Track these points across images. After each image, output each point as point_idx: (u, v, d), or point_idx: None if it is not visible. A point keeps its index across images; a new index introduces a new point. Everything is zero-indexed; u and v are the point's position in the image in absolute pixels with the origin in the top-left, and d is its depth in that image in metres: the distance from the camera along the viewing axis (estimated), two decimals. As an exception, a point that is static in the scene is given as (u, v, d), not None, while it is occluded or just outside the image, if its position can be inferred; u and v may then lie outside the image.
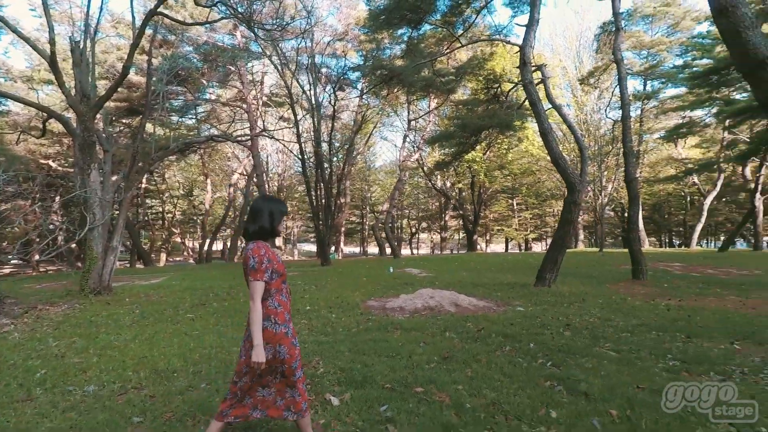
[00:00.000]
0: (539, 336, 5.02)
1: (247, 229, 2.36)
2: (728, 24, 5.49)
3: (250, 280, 2.22)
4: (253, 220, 2.35)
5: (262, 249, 2.27)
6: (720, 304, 7.38)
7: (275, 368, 2.31)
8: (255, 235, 2.34)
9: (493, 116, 10.03)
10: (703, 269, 12.88)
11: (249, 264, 2.23)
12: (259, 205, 2.39)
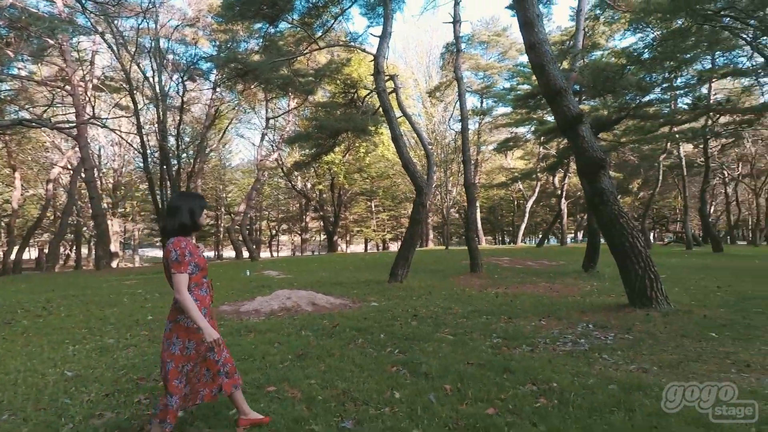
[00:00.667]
0: (389, 327, 5.38)
1: (165, 226, 2.42)
2: (536, 58, 6.64)
3: (173, 272, 2.28)
4: (172, 217, 2.40)
5: (183, 242, 2.35)
6: (534, 290, 8.84)
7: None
8: (175, 232, 2.39)
9: (349, 120, 10.39)
10: (524, 262, 15.23)
11: (171, 257, 2.30)
12: (177, 202, 2.47)
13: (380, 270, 12.98)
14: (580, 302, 7.23)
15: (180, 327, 2.37)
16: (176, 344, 2.36)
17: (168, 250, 2.33)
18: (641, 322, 5.39)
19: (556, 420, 2.73)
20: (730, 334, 4.79)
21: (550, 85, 6.49)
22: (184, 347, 2.37)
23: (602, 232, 6.68)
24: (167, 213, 2.46)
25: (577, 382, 3.38)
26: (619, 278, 8.60)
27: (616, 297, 7.53)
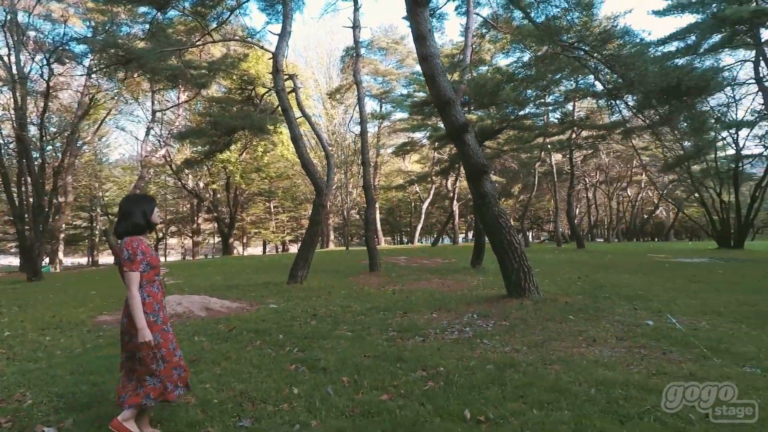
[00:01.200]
0: (288, 328, 5.38)
1: (119, 229, 2.55)
2: (428, 69, 7.14)
3: (125, 270, 2.43)
4: (125, 220, 2.55)
5: (135, 242, 2.50)
6: (428, 286, 9.42)
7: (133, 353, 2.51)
8: (128, 233, 2.53)
9: (246, 118, 10.00)
10: (420, 261, 16.07)
11: (123, 256, 2.45)
12: (129, 206, 2.60)
13: (279, 272, 12.75)
14: (467, 295, 7.89)
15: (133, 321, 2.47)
16: (137, 336, 2.45)
17: (120, 250, 2.50)
18: (516, 310, 6.10)
19: (441, 399, 3.04)
20: (584, 316, 5.66)
21: (440, 95, 7.02)
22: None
23: (485, 231, 7.40)
24: (119, 216, 2.61)
25: (461, 365, 3.76)
26: (500, 273, 9.53)
27: (497, 290, 8.36)
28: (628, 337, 4.62)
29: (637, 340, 4.51)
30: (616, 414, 2.72)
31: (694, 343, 4.35)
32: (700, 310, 6.23)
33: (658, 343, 4.39)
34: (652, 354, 4.03)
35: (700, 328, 5.11)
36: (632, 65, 9.19)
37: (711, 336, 4.67)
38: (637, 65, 9.18)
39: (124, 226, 2.55)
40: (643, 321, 5.37)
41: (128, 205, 2.61)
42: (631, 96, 11.62)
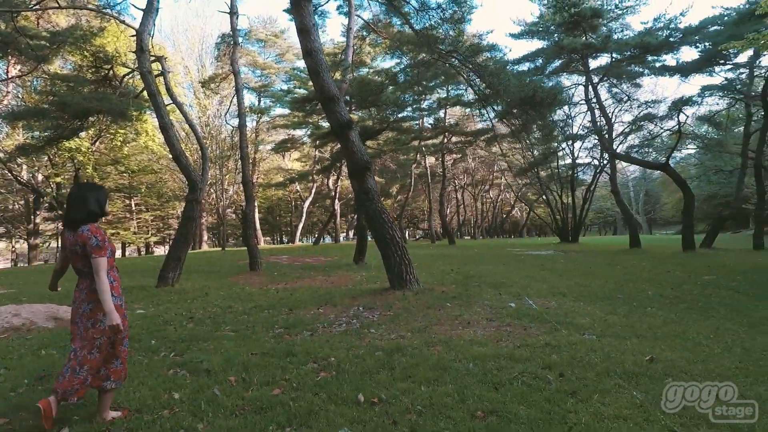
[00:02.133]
0: (161, 332, 4.89)
1: (75, 217, 2.53)
2: (312, 64, 7.11)
3: (94, 257, 2.45)
4: (79, 208, 2.54)
5: (101, 230, 2.55)
6: (312, 283, 9.33)
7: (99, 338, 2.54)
8: (85, 221, 2.53)
9: (103, 100, 8.64)
10: (302, 259, 15.86)
11: (91, 243, 2.45)
12: (83, 192, 2.62)
13: (145, 275, 11.48)
14: (352, 290, 8.02)
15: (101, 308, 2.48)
16: (104, 321, 2.49)
17: (86, 237, 2.47)
18: (399, 300, 6.40)
19: (334, 387, 3.06)
20: (458, 303, 6.18)
21: (325, 90, 7.04)
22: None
23: (368, 226, 7.62)
24: (72, 204, 2.58)
25: (351, 354, 3.83)
26: (383, 268, 9.86)
27: (380, 283, 8.66)
28: (496, 318, 5.18)
29: (504, 319, 5.09)
30: (491, 383, 3.05)
31: (546, 318, 5.07)
32: (549, 292, 7.28)
33: (520, 321, 5.01)
34: (516, 330, 4.60)
35: (550, 307, 5.96)
36: (497, 76, 10.31)
37: (559, 312, 5.49)
38: (501, 76, 10.32)
39: (82, 214, 2.54)
40: (507, 304, 6.08)
41: (82, 191, 2.63)
42: (496, 104, 12.96)
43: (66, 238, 2.60)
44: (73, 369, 2.49)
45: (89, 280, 2.53)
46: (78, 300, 2.59)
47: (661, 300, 6.57)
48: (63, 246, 2.65)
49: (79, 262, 2.54)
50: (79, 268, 2.57)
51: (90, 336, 2.53)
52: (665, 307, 6.09)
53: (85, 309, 2.55)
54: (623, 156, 18.56)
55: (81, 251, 2.50)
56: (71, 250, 2.55)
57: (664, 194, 57.63)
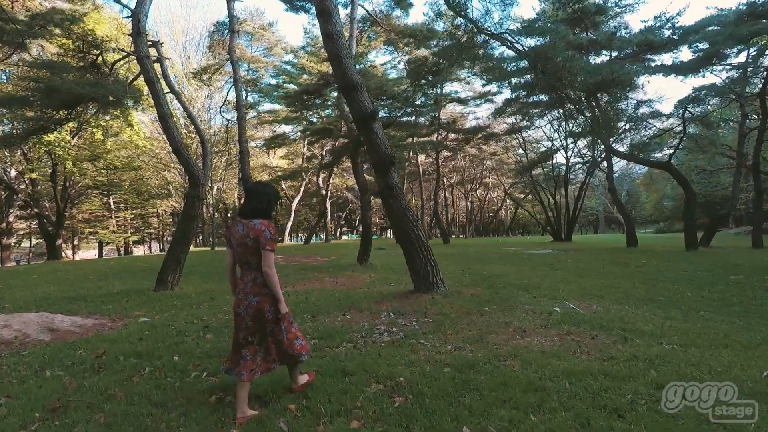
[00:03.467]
0: (180, 346, 4.29)
1: (256, 207, 2.70)
2: (333, 48, 6.55)
3: (267, 249, 2.60)
4: (258, 200, 2.72)
5: (272, 224, 2.72)
6: (322, 285, 8.76)
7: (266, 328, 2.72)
8: (260, 214, 2.69)
9: (97, 86, 7.79)
10: (298, 259, 15.23)
11: (265, 235, 2.60)
12: (263, 188, 2.82)
13: (137, 277, 10.72)
14: (370, 293, 7.49)
15: (268, 298, 2.65)
16: (271, 311, 2.66)
17: (259, 230, 2.59)
18: (431, 305, 5.91)
19: (421, 416, 2.58)
20: (497, 307, 5.74)
21: (347, 78, 6.49)
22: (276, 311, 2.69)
23: (392, 224, 7.11)
24: (253, 196, 2.74)
25: (417, 372, 3.33)
26: (390, 268, 9.38)
27: (397, 285, 8.19)
28: (550, 325, 4.75)
29: (560, 327, 4.66)
30: (609, 408, 2.59)
31: (605, 325, 4.67)
32: (582, 294, 6.91)
33: (579, 328, 4.59)
34: (584, 340, 4.16)
35: (597, 311, 5.58)
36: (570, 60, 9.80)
37: (612, 317, 5.10)
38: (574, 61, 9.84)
39: (261, 208, 2.70)
40: (550, 308, 5.66)
41: (262, 188, 2.82)
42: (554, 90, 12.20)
43: (235, 232, 2.69)
44: (253, 355, 2.69)
45: (255, 273, 2.65)
46: (243, 292, 2.69)
47: (704, 302, 6.27)
48: (230, 240, 2.77)
49: (249, 255, 2.64)
50: (247, 261, 2.66)
51: (258, 327, 2.67)
52: (716, 310, 5.77)
53: (251, 301, 2.65)
54: (625, 154, 18.51)
55: (252, 244, 2.61)
56: (241, 243, 2.65)
57: (644, 194, 58.91)
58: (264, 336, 2.71)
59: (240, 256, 2.69)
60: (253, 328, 2.68)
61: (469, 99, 22.02)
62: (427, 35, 13.21)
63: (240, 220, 2.73)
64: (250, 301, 2.65)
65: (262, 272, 2.60)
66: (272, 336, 2.72)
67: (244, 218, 2.69)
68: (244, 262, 2.68)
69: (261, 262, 2.59)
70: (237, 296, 2.73)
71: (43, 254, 31.61)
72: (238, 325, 2.72)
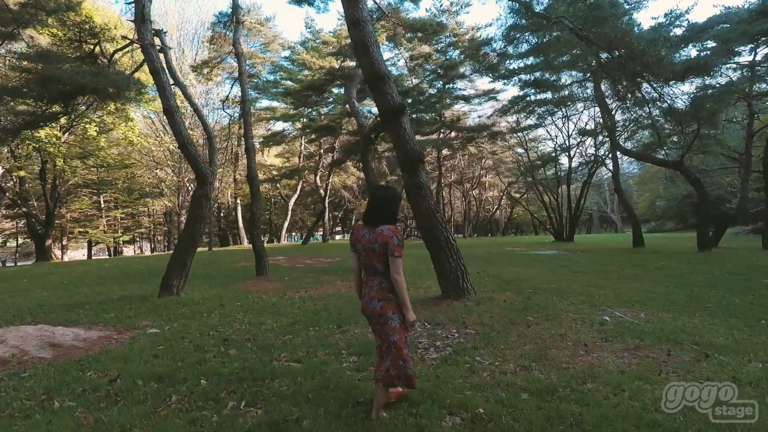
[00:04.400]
0: (204, 365, 3.79)
1: (382, 213, 2.65)
2: (360, 36, 6.06)
3: (396, 256, 2.53)
4: (387, 208, 2.67)
5: (399, 230, 2.63)
6: (336, 290, 8.24)
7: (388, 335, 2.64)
8: (386, 219, 2.63)
9: (98, 76, 7.17)
10: (303, 260, 14.68)
11: (393, 242, 2.53)
12: (391, 193, 2.77)
13: (136, 281, 10.13)
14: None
15: (392, 304, 2.60)
16: (393, 319, 2.60)
17: (388, 236, 2.55)
18: (465, 313, 5.46)
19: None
20: (539, 316, 5.30)
21: (374, 68, 6.01)
22: (401, 320, 2.60)
23: (419, 225, 6.65)
24: (380, 201, 2.70)
25: (492, 400, 2.88)
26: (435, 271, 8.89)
27: (416, 289, 7.74)
28: (610, 338, 4.32)
29: (623, 340, 4.23)
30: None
31: (672, 338, 4.25)
32: (620, 299, 6.50)
33: (644, 341, 4.17)
34: (659, 357, 3.74)
35: (650, 320, 5.16)
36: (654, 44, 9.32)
37: (672, 328, 4.68)
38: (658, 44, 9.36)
39: (387, 214, 2.64)
40: (596, 317, 5.25)
41: (390, 192, 2.76)
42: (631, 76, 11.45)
43: (361, 237, 2.66)
44: (381, 357, 2.69)
45: (380, 278, 2.60)
46: (368, 296, 2.65)
47: (756, 309, 5.88)
48: (354, 245, 2.73)
49: (376, 260, 2.59)
50: (373, 266, 2.61)
51: (384, 332, 2.61)
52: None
53: (375, 306, 2.61)
54: (636, 153, 18.26)
55: (380, 249, 2.56)
56: (368, 248, 2.61)
57: (636, 194, 59.26)
58: (384, 343, 2.68)
59: (366, 261, 2.67)
60: (379, 332, 2.67)
61: (473, 96, 21.66)
62: (437, 29, 12.74)
63: (364, 225, 2.70)
64: (374, 306, 2.63)
65: (387, 277, 2.58)
66: (393, 346, 2.64)
67: (371, 225, 2.64)
68: (370, 267, 2.64)
69: (386, 268, 2.56)
70: (363, 300, 2.72)
71: (29, 254, 30.63)
72: (372, 328, 2.77)
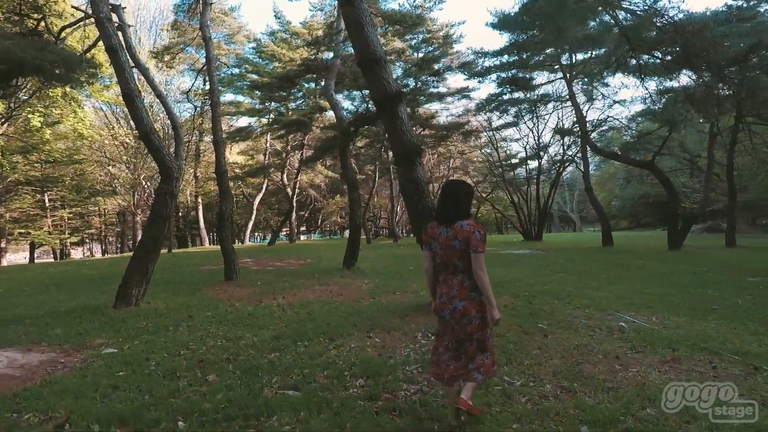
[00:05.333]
0: (178, 397, 3.08)
1: (459, 208, 2.55)
2: (353, 13, 5.44)
3: (479, 251, 2.44)
4: (466, 202, 2.58)
5: (479, 224, 2.53)
6: (316, 296, 7.55)
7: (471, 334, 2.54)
8: (464, 215, 2.54)
9: (44, 50, 5.96)
10: (272, 263, 13.82)
11: (476, 237, 2.44)
12: (467, 189, 2.65)
13: (88, 288, 9.06)
14: (379, 304, 6.44)
15: (475, 302, 2.49)
16: (476, 317, 2.49)
17: (470, 232, 2.46)
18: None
19: None
20: (548, 323, 4.89)
21: (369, 49, 5.41)
22: (482, 318, 2.51)
23: (414, 225, 6.11)
24: (454, 196, 2.57)
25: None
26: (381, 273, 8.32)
27: (402, 293, 7.25)
28: (640, 348, 3.93)
29: (655, 350, 3.85)
30: None
31: (706, 348, 3.91)
32: (626, 303, 6.18)
33: (677, 352, 3.80)
34: (706, 370, 3.37)
35: (665, 324, 4.85)
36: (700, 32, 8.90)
37: (696, 334, 4.36)
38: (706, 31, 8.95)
39: (464, 209, 2.57)
40: (609, 323, 4.89)
41: (466, 188, 2.66)
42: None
43: (437, 235, 2.56)
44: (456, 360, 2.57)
45: (462, 276, 2.51)
46: (447, 296, 2.54)
47: (762, 310, 5.70)
48: (429, 243, 2.62)
49: (456, 258, 2.50)
50: (453, 264, 2.51)
51: (467, 332, 2.51)
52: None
53: (456, 306, 2.50)
54: (609, 153, 18.50)
55: (461, 246, 2.47)
56: (447, 246, 2.51)
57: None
58: (463, 343, 2.57)
59: (444, 259, 2.54)
60: (458, 332, 2.55)
61: (446, 95, 21.36)
62: (417, 21, 12.27)
63: (438, 223, 2.58)
64: (455, 306, 2.51)
65: (468, 275, 2.48)
66: (476, 344, 2.55)
67: (447, 222, 2.53)
68: (450, 266, 2.53)
69: (468, 265, 2.47)
70: (440, 300, 2.57)
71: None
72: (444, 329, 2.62)
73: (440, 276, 2.60)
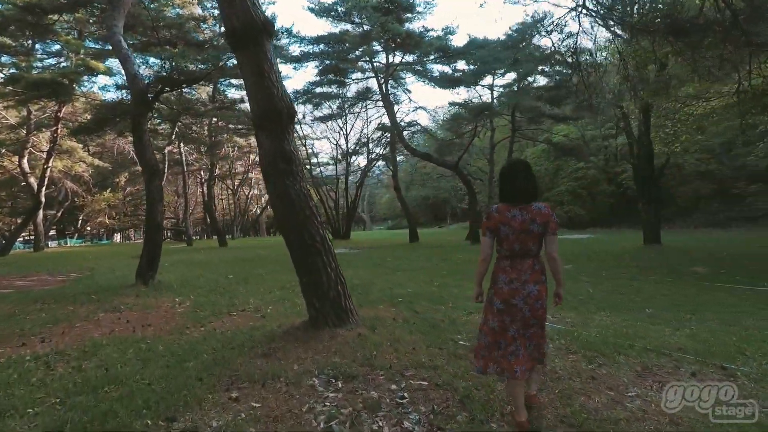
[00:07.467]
0: None
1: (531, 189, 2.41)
2: None
3: (555, 233, 2.38)
4: (531, 182, 2.42)
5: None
6: (101, 331, 4.94)
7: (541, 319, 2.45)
8: (535, 196, 2.42)
9: None
10: (13, 282, 9.55)
11: (553, 218, 2.38)
12: (525, 167, 2.47)
13: None
14: (218, 336, 4.43)
15: (545, 286, 2.43)
16: (545, 301, 2.42)
17: (548, 214, 2.38)
18: (375, 349, 3.66)
19: None
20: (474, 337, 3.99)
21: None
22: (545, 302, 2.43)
23: (283, 216, 4.34)
24: (531, 175, 2.45)
25: None
26: (193, 285, 6.67)
27: (246, 315, 5.38)
28: (607, 363, 3.31)
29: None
30: None
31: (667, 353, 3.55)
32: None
33: (644, 358, 3.31)
34: (664, 379, 2.87)
35: (584, 323, 4.50)
36: None
37: (643, 335, 4.07)
38: None
39: (535, 190, 2.44)
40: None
41: (528, 165, 2.51)
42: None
43: (510, 220, 2.37)
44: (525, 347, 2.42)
45: (533, 260, 2.41)
46: (519, 281, 2.39)
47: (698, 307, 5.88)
48: (498, 229, 2.39)
49: (531, 242, 2.37)
50: (527, 248, 2.37)
51: (538, 315, 2.41)
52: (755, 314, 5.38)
53: (531, 290, 2.39)
54: (422, 154, 19.43)
55: (539, 230, 2.36)
56: (523, 230, 2.35)
57: (376, 196, 68.01)
58: (530, 328, 2.41)
59: (517, 244, 2.36)
60: (529, 318, 2.39)
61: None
62: None
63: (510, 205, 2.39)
64: (530, 291, 2.38)
65: (538, 259, 2.41)
66: (541, 329, 2.45)
67: (521, 203, 2.37)
68: (523, 250, 2.37)
69: (538, 249, 2.39)
70: (510, 286, 2.38)
71: None
72: (513, 318, 2.39)
73: (504, 262, 2.43)
